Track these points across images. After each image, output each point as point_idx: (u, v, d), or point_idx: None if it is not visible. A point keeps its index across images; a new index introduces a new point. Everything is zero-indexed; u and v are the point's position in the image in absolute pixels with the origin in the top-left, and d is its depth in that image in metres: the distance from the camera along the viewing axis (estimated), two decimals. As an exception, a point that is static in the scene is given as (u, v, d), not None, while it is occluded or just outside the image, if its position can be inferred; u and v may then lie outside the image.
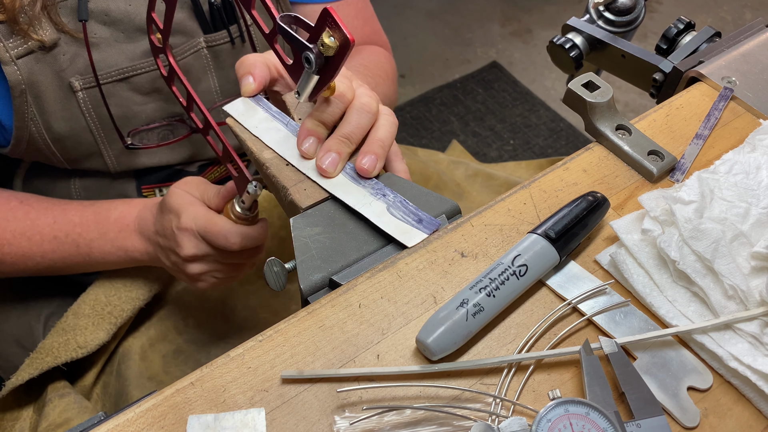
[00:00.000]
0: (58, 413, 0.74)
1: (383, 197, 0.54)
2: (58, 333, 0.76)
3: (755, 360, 0.44)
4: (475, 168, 1.09)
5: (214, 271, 0.69)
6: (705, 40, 0.71)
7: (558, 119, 1.96)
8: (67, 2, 0.66)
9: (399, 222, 0.52)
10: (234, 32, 0.76)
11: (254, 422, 0.42)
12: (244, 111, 0.58)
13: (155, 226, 0.69)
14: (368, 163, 0.55)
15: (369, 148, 0.56)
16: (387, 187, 0.55)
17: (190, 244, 0.66)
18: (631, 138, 0.59)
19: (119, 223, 0.72)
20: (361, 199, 0.54)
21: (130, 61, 0.71)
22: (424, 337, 0.44)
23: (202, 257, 0.67)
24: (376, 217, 0.53)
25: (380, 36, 0.92)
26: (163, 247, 0.69)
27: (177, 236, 0.66)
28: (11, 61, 0.65)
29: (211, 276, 0.69)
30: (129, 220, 0.72)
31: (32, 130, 0.70)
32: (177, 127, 0.77)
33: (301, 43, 0.49)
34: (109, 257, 0.73)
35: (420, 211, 0.53)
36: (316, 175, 0.55)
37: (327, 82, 0.51)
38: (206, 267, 0.68)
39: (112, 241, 0.72)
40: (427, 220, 0.53)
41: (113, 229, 0.72)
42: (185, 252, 0.66)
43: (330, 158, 0.55)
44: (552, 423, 0.39)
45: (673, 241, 0.48)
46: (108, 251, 0.72)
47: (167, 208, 0.67)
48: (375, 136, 0.57)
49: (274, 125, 0.58)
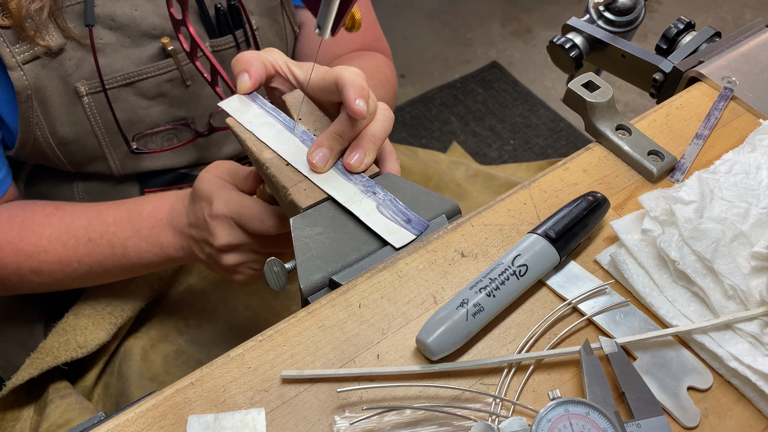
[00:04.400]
0: (59, 414, 0.74)
1: (373, 195, 0.54)
2: (59, 333, 0.76)
3: (755, 360, 0.44)
4: (475, 168, 1.09)
5: (251, 262, 0.65)
6: (705, 40, 0.71)
7: (558, 119, 1.96)
8: (73, 7, 0.66)
9: (387, 221, 0.52)
10: (240, 37, 0.76)
11: (254, 422, 0.42)
12: (239, 107, 0.58)
13: (188, 218, 0.66)
14: (355, 159, 0.55)
15: (359, 143, 0.55)
16: (378, 185, 0.55)
17: (223, 232, 0.62)
18: (631, 138, 0.59)
19: (152, 218, 0.69)
20: (351, 196, 0.54)
21: (135, 66, 0.71)
22: (424, 337, 0.44)
23: (238, 246, 0.63)
24: (365, 215, 0.53)
25: (381, 43, 0.92)
26: (197, 240, 0.66)
27: (210, 225, 0.63)
28: (17, 67, 0.65)
29: (248, 267, 0.66)
30: (162, 213, 0.68)
31: (37, 134, 0.71)
32: (181, 131, 0.77)
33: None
34: (145, 256, 0.69)
35: (410, 211, 0.53)
36: (308, 170, 0.55)
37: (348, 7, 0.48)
38: (242, 257, 0.65)
39: (147, 239, 0.69)
40: (415, 220, 0.53)
41: (146, 226, 0.69)
42: (219, 241, 0.62)
43: (320, 153, 0.54)
44: (552, 423, 0.39)
45: (673, 241, 0.48)
46: (144, 249, 0.69)
47: (198, 196, 0.64)
48: (368, 131, 0.56)
49: (268, 120, 0.58)
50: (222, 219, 0.62)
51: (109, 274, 0.72)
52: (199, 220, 0.64)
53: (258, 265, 0.66)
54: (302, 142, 0.57)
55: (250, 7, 0.76)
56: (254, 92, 0.59)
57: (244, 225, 0.62)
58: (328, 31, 0.49)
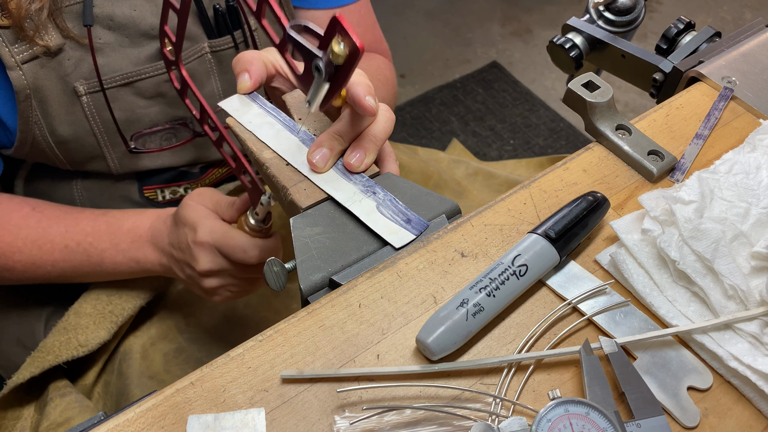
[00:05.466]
0: (60, 412, 0.74)
1: (373, 195, 0.54)
2: (59, 332, 0.76)
3: (755, 360, 0.44)
4: (475, 166, 1.09)
5: (230, 285, 0.69)
6: (705, 40, 0.71)
7: (558, 119, 1.96)
8: (72, 8, 0.66)
9: (387, 221, 0.52)
10: (238, 37, 0.76)
11: (254, 422, 0.42)
12: (239, 107, 0.59)
13: (169, 238, 0.69)
14: (355, 159, 0.55)
15: (359, 144, 0.56)
16: (378, 185, 0.55)
17: (206, 258, 0.65)
18: (631, 138, 0.59)
19: (132, 233, 0.71)
20: (351, 196, 0.54)
21: (134, 66, 0.71)
22: (424, 337, 0.44)
23: (219, 272, 0.67)
24: (365, 214, 0.53)
25: (381, 44, 0.92)
26: (178, 260, 0.68)
27: (193, 250, 0.65)
28: (16, 67, 0.65)
29: (227, 290, 0.69)
30: (142, 230, 0.71)
31: (36, 134, 0.71)
32: (180, 130, 0.77)
33: (311, 52, 0.49)
34: (121, 267, 0.72)
35: (410, 211, 0.53)
36: (308, 170, 0.55)
37: (337, 90, 0.50)
38: (222, 281, 0.68)
39: (124, 252, 0.71)
40: (415, 220, 0.53)
41: (125, 240, 0.71)
42: (201, 267, 0.65)
43: (321, 153, 0.54)
44: (552, 423, 0.39)
45: (673, 241, 0.48)
46: (119, 262, 0.72)
47: (182, 221, 0.66)
48: (369, 131, 0.56)
49: (268, 120, 0.58)
50: (205, 246, 0.65)
51: (82, 278, 0.75)
52: (181, 243, 0.67)
53: (236, 288, 0.69)
54: (302, 143, 0.57)
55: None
56: (254, 92, 0.59)
57: (226, 254, 0.65)
58: (317, 107, 0.52)
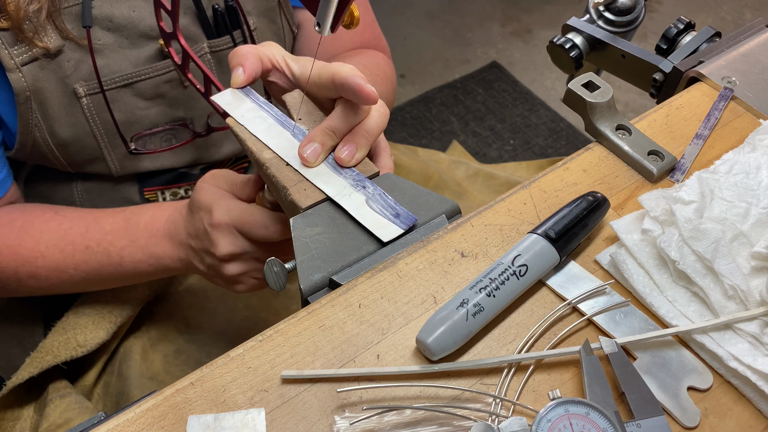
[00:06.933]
0: (59, 413, 0.74)
1: (363, 189, 0.54)
2: (59, 332, 0.76)
3: (755, 360, 0.44)
4: (475, 168, 1.09)
5: (253, 271, 0.65)
6: (705, 40, 0.71)
7: (558, 119, 1.96)
8: (71, 9, 0.66)
9: (376, 215, 0.52)
10: (237, 37, 0.76)
11: (254, 422, 0.42)
12: (231, 101, 0.58)
13: (186, 228, 0.65)
14: (346, 153, 0.55)
15: (351, 138, 0.55)
16: (368, 179, 0.55)
17: (225, 241, 0.61)
18: (631, 138, 0.59)
19: (149, 228, 0.68)
20: (340, 190, 0.54)
21: (134, 67, 0.71)
22: (424, 337, 0.44)
23: (240, 255, 0.63)
24: (354, 209, 0.53)
25: (380, 41, 0.92)
26: (196, 250, 0.65)
27: (211, 234, 0.61)
28: (16, 69, 0.65)
29: (250, 277, 0.65)
30: (159, 224, 0.68)
31: (36, 136, 0.71)
32: (180, 131, 0.77)
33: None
34: (141, 266, 0.69)
35: (399, 205, 0.53)
36: (298, 164, 0.55)
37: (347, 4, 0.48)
38: (244, 266, 0.64)
39: (143, 249, 0.68)
40: (404, 215, 0.53)
41: (143, 236, 0.68)
42: (221, 251, 0.62)
43: (312, 148, 0.54)
44: (552, 423, 0.39)
45: (673, 241, 0.48)
46: (139, 259, 0.69)
47: (197, 206, 0.63)
48: (362, 126, 0.56)
49: (260, 114, 0.58)
50: (223, 228, 0.61)
51: (105, 281, 0.72)
52: (198, 230, 0.63)
53: (260, 273, 0.65)
54: (295, 137, 0.57)
55: (248, 8, 0.76)
56: (248, 87, 0.59)
57: (247, 232, 0.61)
58: (328, 28, 0.49)
